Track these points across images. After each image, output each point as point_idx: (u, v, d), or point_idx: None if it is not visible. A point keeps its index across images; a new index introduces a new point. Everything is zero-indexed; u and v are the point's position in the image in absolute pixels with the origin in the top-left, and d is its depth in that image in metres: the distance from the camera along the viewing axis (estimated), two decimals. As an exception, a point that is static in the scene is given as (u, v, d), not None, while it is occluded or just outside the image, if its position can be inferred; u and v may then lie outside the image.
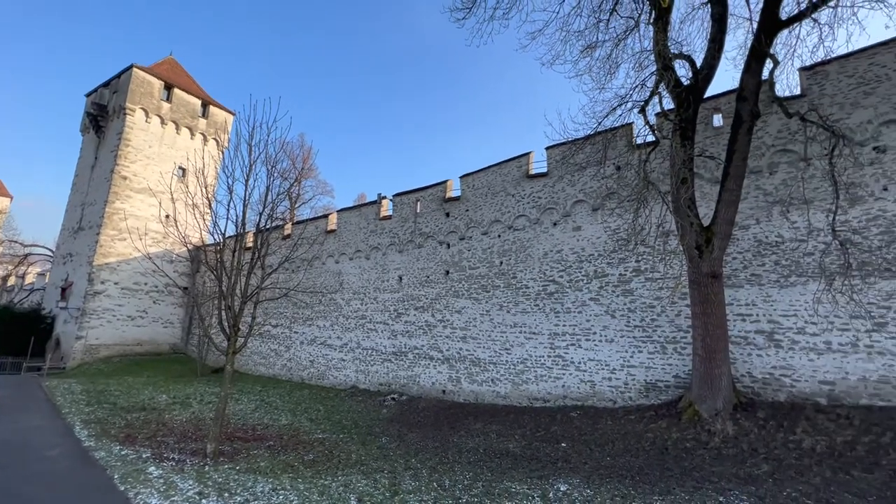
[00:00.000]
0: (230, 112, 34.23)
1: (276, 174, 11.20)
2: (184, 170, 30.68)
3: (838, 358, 9.90)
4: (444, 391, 16.56)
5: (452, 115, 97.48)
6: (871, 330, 9.63)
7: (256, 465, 9.32)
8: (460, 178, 18.13)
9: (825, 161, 9.46)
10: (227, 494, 7.47)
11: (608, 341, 13.23)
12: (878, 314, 9.60)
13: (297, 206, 42.83)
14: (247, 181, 10.32)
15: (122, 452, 9.87)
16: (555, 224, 15.13)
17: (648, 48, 10.93)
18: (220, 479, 8.23)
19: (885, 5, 8.93)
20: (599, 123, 10.82)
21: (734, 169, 10.10)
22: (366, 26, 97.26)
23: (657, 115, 11.62)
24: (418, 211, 19.31)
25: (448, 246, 17.98)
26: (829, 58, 10.24)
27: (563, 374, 13.86)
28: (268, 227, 10.83)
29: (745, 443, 9.12)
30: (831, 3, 9.23)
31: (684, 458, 9.02)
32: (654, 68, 10.47)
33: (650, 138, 11.32)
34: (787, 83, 11.38)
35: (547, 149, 15.53)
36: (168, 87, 30.88)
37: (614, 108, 10.45)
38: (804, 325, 10.42)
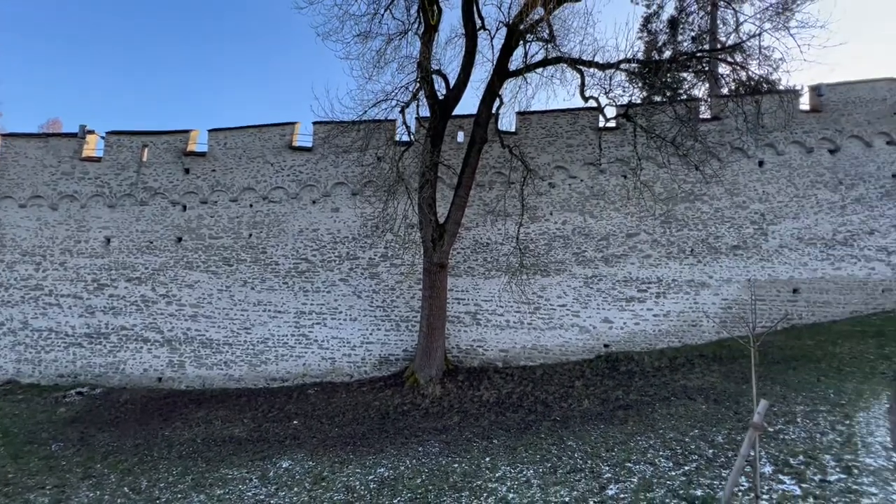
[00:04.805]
0: None
1: None
2: None
3: (511, 332, 13.49)
4: (160, 378, 13.98)
5: (216, 59, 79.10)
6: (531, 312, 13.54)
7: None
8: (209, 131, 15.53)
9: (519, 186, 12.62)
10: None
11: (352, 320, 14.00)
12: (535, 301, 13.56)
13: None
14: None
15: None
16: (314, 202, 14.87)
17: (415, 56, 12.03)
18: None
19: (566, 83, 12.63)
20: (365, 112, 11.26)
21: (465, 180, 12.30)
22: None
23: (416, 119, 12.93)
24: (145, 159, 15.48)
25: (184, 208, 15.17)
26: (532, 109, 13.70)
27: (306, 353, 13.88)
28: None
29: (447, 401, 11.32)
30: (538, 71, 12.37)
31: (400, 420, 10.48)
32: (416, 76, 11.59)
33: (406, 138, 12.51)
34: (510, 121, 14.60)
35: (314, 124, 15.03)
36: None
37: (379, 102, 11.08)
38: (495, 308, 13.71)
